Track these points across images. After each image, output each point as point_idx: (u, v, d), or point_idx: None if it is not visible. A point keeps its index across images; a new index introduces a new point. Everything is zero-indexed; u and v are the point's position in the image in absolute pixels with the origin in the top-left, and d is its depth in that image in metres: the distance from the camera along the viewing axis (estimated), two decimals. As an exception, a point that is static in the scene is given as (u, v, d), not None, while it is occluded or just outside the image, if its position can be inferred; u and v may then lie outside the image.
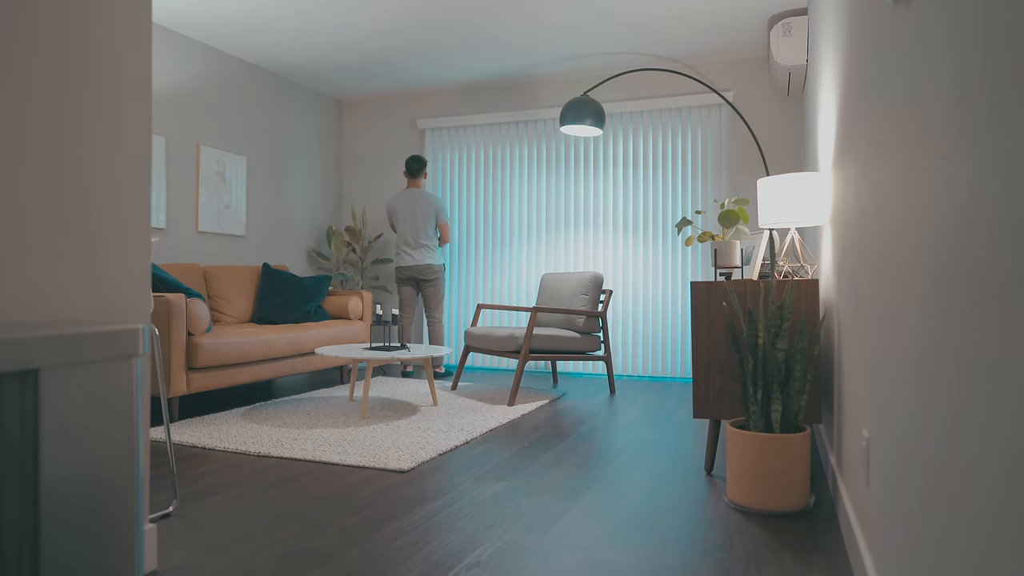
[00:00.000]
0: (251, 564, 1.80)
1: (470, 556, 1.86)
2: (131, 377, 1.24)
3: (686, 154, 5.33)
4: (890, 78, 1.25)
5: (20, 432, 1.06)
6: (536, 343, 4.24)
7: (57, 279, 1.51)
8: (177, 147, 4.74)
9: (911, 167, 1.07)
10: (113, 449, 1.22)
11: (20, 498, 1.07)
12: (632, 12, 4.32)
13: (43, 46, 1.48)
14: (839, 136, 2.12)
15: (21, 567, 1.07)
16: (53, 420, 1.11)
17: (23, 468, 1.07)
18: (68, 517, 1.14)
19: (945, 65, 0.88)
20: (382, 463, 2.74)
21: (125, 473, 1.24)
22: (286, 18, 4.46)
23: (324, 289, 5.02)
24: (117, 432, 1.22)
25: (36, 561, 1.09)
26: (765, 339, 2.31)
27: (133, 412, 1.25)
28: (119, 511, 1.23)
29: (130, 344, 1.24)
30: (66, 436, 1.13)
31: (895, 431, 1.23)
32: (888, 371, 1.30)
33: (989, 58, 0.71)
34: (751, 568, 1.79)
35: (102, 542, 1.20)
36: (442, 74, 5.64)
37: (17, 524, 1.06)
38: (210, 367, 3.78)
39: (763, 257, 2.80)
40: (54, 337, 1.11)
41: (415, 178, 5.40)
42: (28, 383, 1.07)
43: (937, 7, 0.91)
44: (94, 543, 1.19)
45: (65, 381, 1.13)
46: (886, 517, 1.33)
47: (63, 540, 1.13)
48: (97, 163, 1.61)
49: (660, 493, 2.44)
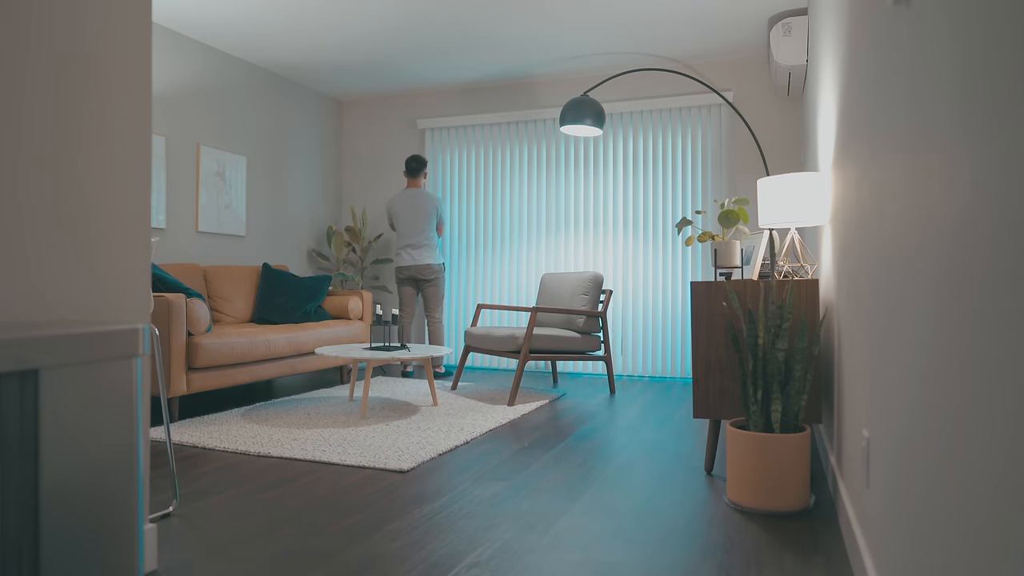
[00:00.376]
0: (251, 564, 1.80)
1: (470, 556, 1.86)
2: (131, 377, 1.24)
3: (686, 154, 5.33)
4: (890, 78, 1.25)
5: (20, 432, 1.06)
6: (536, 343, 4.24)
7: (56, 279, 1.51)
8: (177, 147, 4.74)
9: (912, 167, 1.07)
10: (113, 449, 1.21)
11: (20, 498, 1.07)
12: (632, 12, 4.32)
13: (42, 46, 1.47)
14: (839, 136, 2.12)
15: (21, 567, 1.07)
16: (53, 420, 1.11)
17: (23, 468, 1.07)
18: (68, 517, 1.14)
19: (946, 65, 0.87)
20: (382, 463, 2.74)
21: (125, 473, 1.24)
22: (286, 18, 4.46)
23: (324, 289, 5.02)
24: (117, 432, 1.22)
25: (36, 561, 1.09)
26: (765, 339, 2.31)
27: (133, 412, 1.25)
28: (119, 511, 1.23)
29: (130, 344, 1.24)
30: (66, 436, 1.13)
31: (895, 431, 1.23)
32: (888, 371, 1.30)
33: (991, 57, 0.71)
34: (751, 568, 1.79)
35: (102, 542, 1.20)
36: (442, 74, 5.64)
37: (17, 524, 1.06)
38: (210, 367, 3.78)
39: (763, 257, 2.80)
40: (54, 337, 1.11)
41: (415, 177, 5.40)
42: (28, 383, 1.07)
43: (938, 6, 0.91)
44: (94, 543, 1.19)
45: (65, 381, 1.13)
46: (886, 517, 1.33)
47: (63, 540, 1.13)
48: (97, 163, 1.61)
49: (660, 493, 2.44)
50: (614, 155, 5.54)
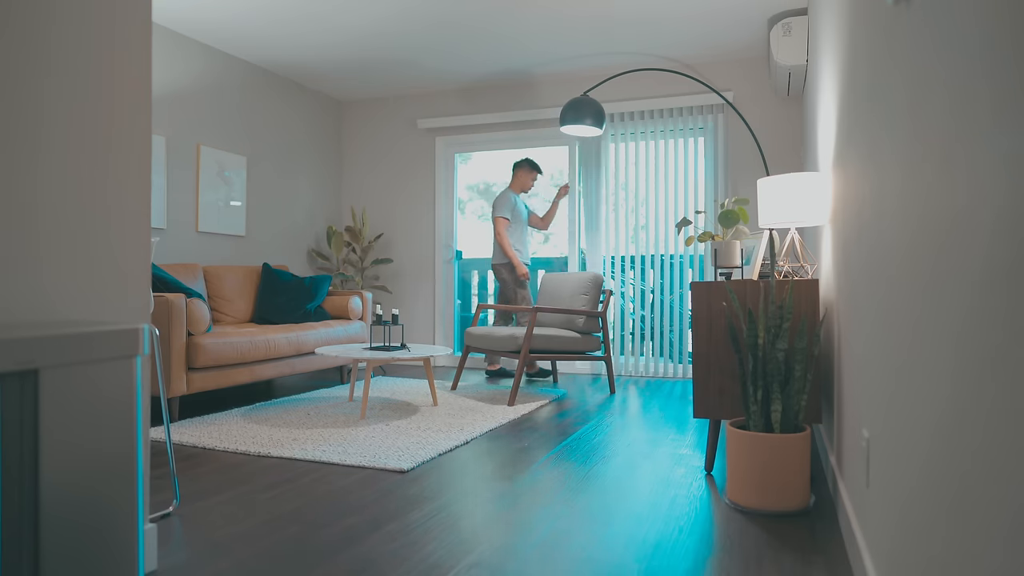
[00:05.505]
0: (251, 564, 1.80)
1: (470, 556, 1.86)
2: (131, 377, 1.24)
3: (686, 154, 5.33)
4: (890, 78, 1.25)
5: (20, 432, 1.06)
6: (536, 343, 4.24)
7: (57, 279, 1.51)
8: (177, 147, 4.74)
9: (912, 167, 1.07)
10: (113, 449, 1.21)
11: (20, 498, 1.07)
12: (632, 12, 4.32)
13: (42, 46, 1.47)
14: (839, 136, 2.12)
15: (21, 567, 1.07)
16: (53, 420, 1.11)
17: (23, 468, 1.07)
18: (68, 517, 1.14)
19: (946, 64, 0.88)
20: (382, 463, 2.74)
21: (125, 473, 1.24)
22: (286, 19, 4.46)
23: (324, 289, 5.02)
24: (117, 432, 1.22)
25: (36, 561, 1.09)
26: (765, 339, 2.31)
27: (133, 412, 1.25)
28: (119, 511, 1.23)
29: (130, 344, 1.24)
30: (66, 436, 1.13)
31: (895, 431, 1.23)
32: (888, 371, 1.30)
33: (991, 57, 0.71)
34: (751, 568, 1.79)
35: (102, 542, 1.20)
36: (442, 74, 5.64)
37: (17, 524, 1.06)
38: (210, 367, 3.78)
39: (763, 257, 2.80)
40: (54, 337, 1.11)
41: (513, 179, 5.35)
42: (28, 383, 1.07)
43: (938, 6, 0.91)
44: (94, 543, 1.19)
45: (65, 381, 1.13)
46: (886, 517, 1.33)
47: (63, 540, 1.13)
48: (96, 163, 1.61)
49: (660, 493, 2.44)
50: (614, 155, 5.54)
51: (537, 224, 5.42)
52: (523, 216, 5.26)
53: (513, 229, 5.17)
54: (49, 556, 1.11)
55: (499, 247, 5.15)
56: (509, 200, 5.17)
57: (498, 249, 5.16)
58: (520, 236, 5.23)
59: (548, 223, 5.46)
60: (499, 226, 5.10)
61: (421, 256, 6.15)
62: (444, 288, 6.07)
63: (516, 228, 5.20)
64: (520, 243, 5.22)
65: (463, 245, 6.24)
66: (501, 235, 5.09)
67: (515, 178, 5.28)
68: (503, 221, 5.11)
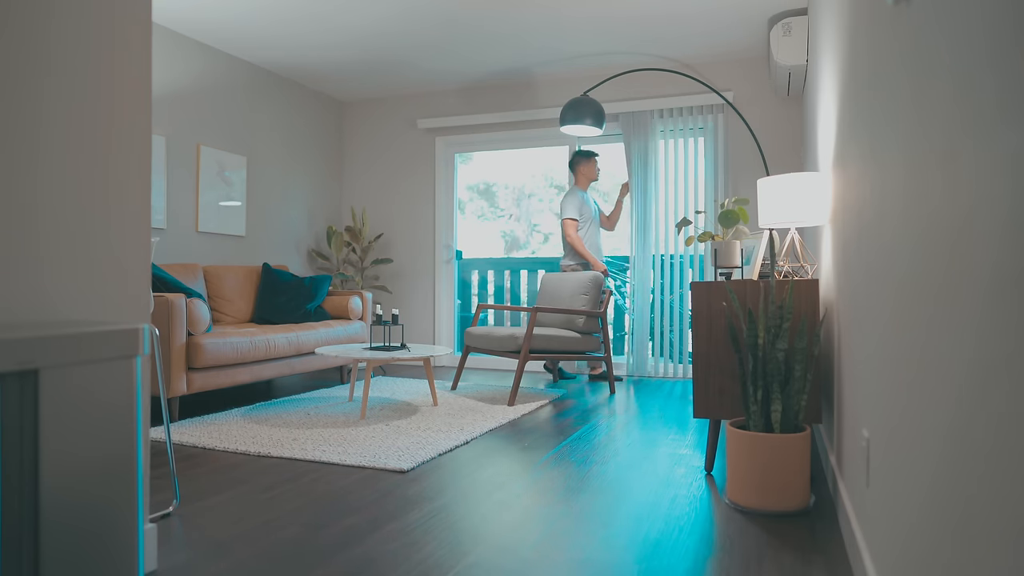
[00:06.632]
0: (251, 564, 1.80)
1: (469, 556, 1.86)
2: (131, 377, 1.24)
3: (686, 154, 5.33)
4: (890, 77, 1.25)
5: (20, 432, 1.06)
6: (536, 343, 4.24)
7: (57, 279, 1.51)
8: (177, 147, 4.74)
9: (913, 167, 1.07)
10: (113, 449, 1.21)
11: (20, 498, 1.07)
12: (632, 12, 4.32)
13: (42, 46, 1.47)
14: (839, 136, 2.12)
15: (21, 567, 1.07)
16: (53, 420, 1.11)
17: (23, 469, 1.07)
18: (68, 517, 1.14)
19: (947, 63, 0.87)
20: (382, 463, 2.74)
21: (125, 473, 1.24)
22: (287, 19, 4.46)
23: (324, 289, 5.02)
24: (117, 432, 1.22)
25: (36, 561, 1.09)
26: (765, 339, 2.31)
27: (133, 412, 1.25)
28: (119, 511, 1.23)
29: (130, 344, 1.24)
30: (66, 436, 1.13)
31: (895, 431, 1.23)
32: (888, 371, 1.30)
33: (991, 56, 0.71)
34: (751, 568, 1.79)
35: (102, 542, 1.20)
36: (442, 74, 5.64)
37: (17, 523, 1.06)
38: (210, 367, 3.78)
39: (763, 257, 2.80)
40: (54, 337, 1.11)
41: (576, 176, 5.20)
42: (28, 383, 1.07)
43: (938, 6, 0.91)
44: (94, 543, 1.19)
45: (65, 381, 1.13)
46: (886, 517, 1.33)
47: (63, 540, 1.13)
48: (97, 163, 1.61)
49: (660, 493, 2.44)
50: (614, 155, 5.53)
51: (604, 224, 5.29)
52: (594, 215, 5.11)
53: (584, 228, 5.04)
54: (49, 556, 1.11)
55: (570, 248, 5.03)
56: (576, 199, 5.02)
57: (570, 250, 5.05)
58: (592, 235, 5.08)
59: (614, 222, 5.32)
60: (568, 228, 4.98)
61: (421, 256, 6.15)
62: (444, 288, 6.07)
63: (587, 227, 5.05)
64: (593, 242, 5.07)
65: (463, 245, 6.24)
66: (571, 236, 4.96)
67: (578, 174, 5.14)
68: (572, 223, 4.98)
